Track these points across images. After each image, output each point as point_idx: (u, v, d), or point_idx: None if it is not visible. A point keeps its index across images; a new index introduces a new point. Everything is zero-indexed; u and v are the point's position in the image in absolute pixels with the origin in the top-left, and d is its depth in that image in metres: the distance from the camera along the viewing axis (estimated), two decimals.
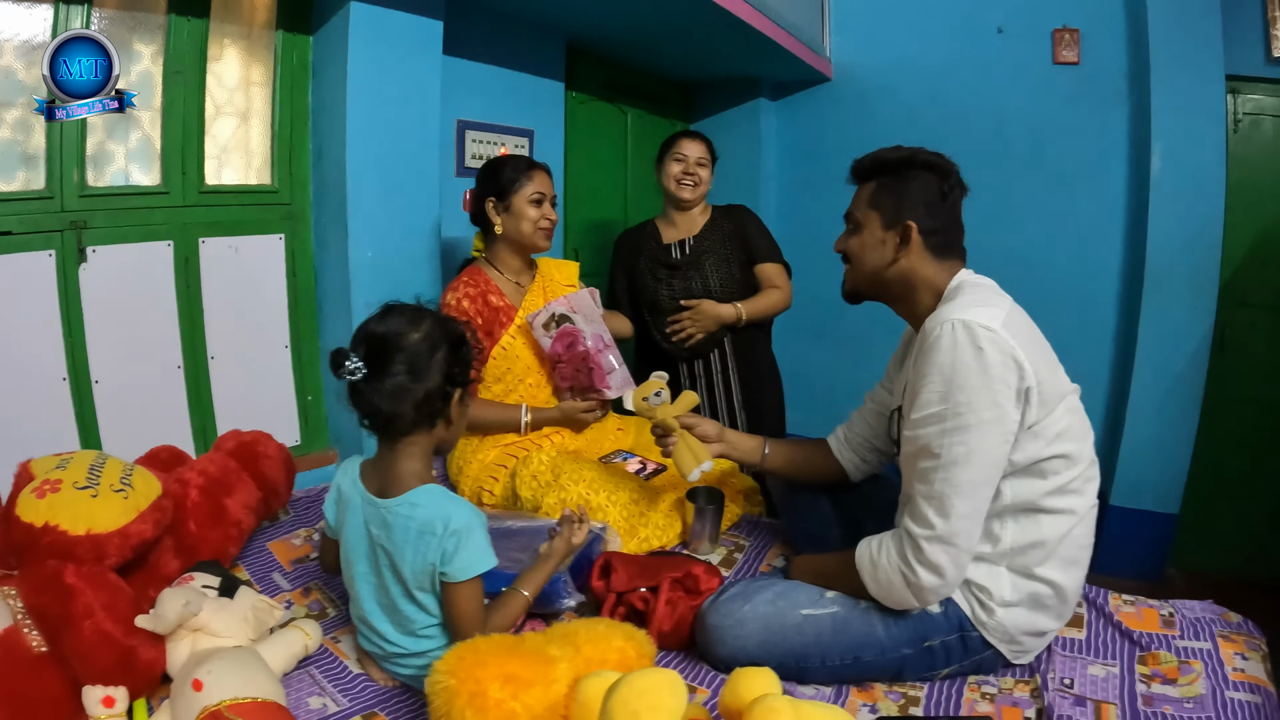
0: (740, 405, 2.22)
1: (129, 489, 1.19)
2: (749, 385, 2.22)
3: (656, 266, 2.20)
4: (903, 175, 1.26)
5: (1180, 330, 2.73)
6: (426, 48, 1.99)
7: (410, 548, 1.05)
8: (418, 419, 1.07)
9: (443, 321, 1.10)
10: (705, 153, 2.18)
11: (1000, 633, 1.16)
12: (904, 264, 1.25)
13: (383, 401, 1.05)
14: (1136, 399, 2.81)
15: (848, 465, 1.53)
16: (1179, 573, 2.89)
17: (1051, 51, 2.97)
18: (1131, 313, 2.87)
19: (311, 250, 2.01)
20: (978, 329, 1.08)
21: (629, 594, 1.24)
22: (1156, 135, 2.71)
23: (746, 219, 2.24)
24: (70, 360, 1.63)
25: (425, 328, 1.07)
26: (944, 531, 1.10)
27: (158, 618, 1.06)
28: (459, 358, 1.09)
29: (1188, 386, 2.74)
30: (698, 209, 2.23)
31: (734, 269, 2.16)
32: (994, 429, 1.08)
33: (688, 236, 2.20)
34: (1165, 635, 1.31)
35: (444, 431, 1.12)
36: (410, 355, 1.05)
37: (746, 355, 2.21)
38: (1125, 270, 2.93)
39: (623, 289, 2.30)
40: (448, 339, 1.08)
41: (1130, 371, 2.83)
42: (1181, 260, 2.71)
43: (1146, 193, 2.76)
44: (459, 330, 1.10)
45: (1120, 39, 2.86)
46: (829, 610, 1.20)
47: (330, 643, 1.28)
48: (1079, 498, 1.17)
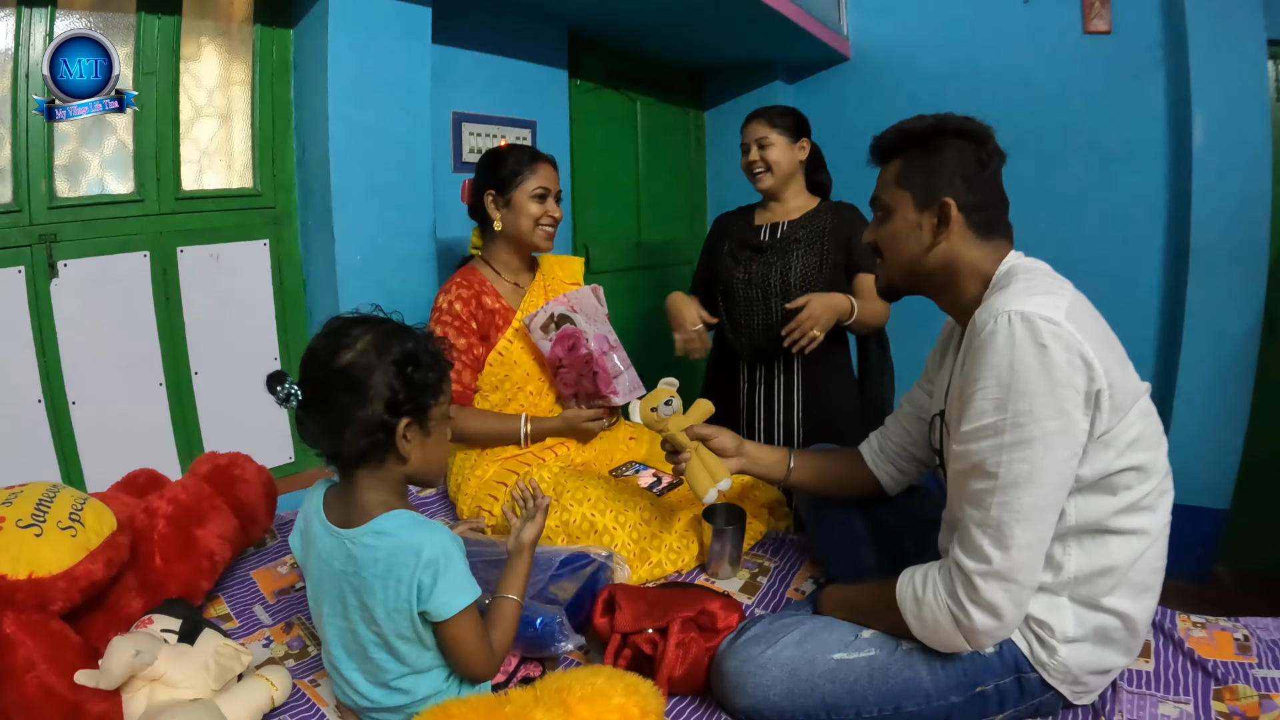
0: (800, 418, 1.99)
1: (78, 525, 1.09)
2: (817, 392, 1.97)
3: (740, 248, 2.01)
4: (932, 146, 1.09)
5: (1228, 312, 2.57)
6: (414, 36, 1.87)
7: (380, 584, 0.93)
8: (366, 450, 0.95)
9: (388, 338, 0.95)
10: (766, 129, 1.92)
11: (1062, 673, 1.01)
12: (944, 248, 1.09)
13: (319, 433, 0.95)
14: (1183, 388, 2.65)
15: (883, 477, 1.37)
16: (1228, 570, 2.74)
17: (1082, 20, 2.80)
18: (1176, 295, 2.70)
19: (299, 256, 1.91)
20: (1039, 322, 0.92)
21: (635, 635, 1.11)
22: (1196, 106, 2.56)
23: (855, 219, 1.98)
24: (45, 381, 1.55)
25: (362, 347, 0.93)
26: (1003, 566, 0.95)
27: (103, 672, 0.96)
28: (407, 381, 0.94)
29: (1237, 373, 2.58)
30: (794, 192, 2.00)
31: (822, 267, 1.93)
32: (1061, 441, 0.93)
33: (782, 221, 2.00)
34: (1242, 664, 1.16)
35: (403, 466, 0.98)
36: (344, 380, 0.92)
37: (817, 365, 1.96)
38: (1167, 250, 2.76)
39: (703, 273, 2.13)
40: (393, 360, 0.94)
41: (1176, 358, 2.67)
42: (1227, 238, 2.55)
43: (1188, 167, 2.60)
44: (407, 349, 0.95)
45: (1154, 5, 2.69)
46: (865, 654, 1.06)
47: (309, 687, 1.16)
48: (1152, 515, 1.00)
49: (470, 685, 1.02)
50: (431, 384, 0.97)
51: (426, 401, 0.96)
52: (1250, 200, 2.51)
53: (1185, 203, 2.63)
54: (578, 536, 1.44)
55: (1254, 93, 2.49)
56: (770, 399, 2.01)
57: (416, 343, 0.97)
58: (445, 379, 1.00)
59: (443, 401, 0.99)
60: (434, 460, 1.02)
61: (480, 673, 0.98)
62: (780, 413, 2.01)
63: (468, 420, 1.62)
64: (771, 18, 2.57)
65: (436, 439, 1.01)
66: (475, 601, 0.96)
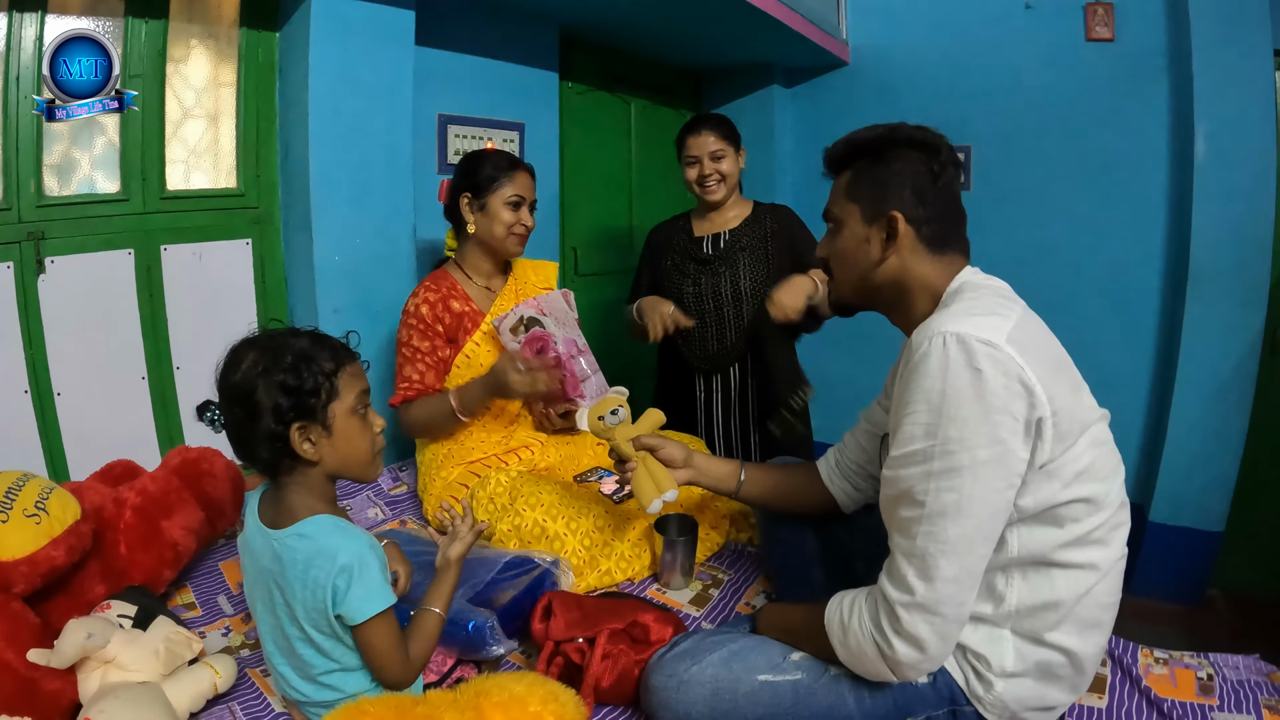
0: (755, 425, 2.04)
1: (42, 514, 1.13)
2: (769, 401, 2.02)
3: (686, 261, 2.03)
4: (882, 157, 1.05)
5: (1227, 330, 2.52)
6: (396, 39, 1.90)
7: (299, 584, 0.96)
8: (271, 459, 0.98)
9: (271, 351, 0.98)
10: (719, 142, 1.93)
11: (999, 708, 0.98)
12: (894, 263, 1.05)
13: (235, 448, 1.00)
14: (1179, 406, 2.61)
15: (838, 494, 1.34)
16: (1221, 594, 2.69)
17: (1084, 28, 2.76)
18: (1174, 312, 2.66)
19: (281, 255, 1.95)
20: (975, 344, 0.88)
21: (566, 644, 1.12)
22: (1200, 117, 2.51)
23: (794, 222, 2.03)
24: (31, 373, 1.59)
25: (246, 366, 0.97)
26: (926, 599, 0.91)
27: (56, 652, 1.01)
28: (286, 388, 0.96)
29: (1235, 392, 2.53)
30: (732, 201, 2.02)
31: (770, 270, 1.97)
32: (993, 471, 0.89)
33: (723, 230, 2.02)
34: (1202, 705, 1.12)
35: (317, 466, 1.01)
36: (234, 397, 0.97)
37: (770, 369, 2.02)
38: (1167, 265, 2.72)
39: (648, 288, 2.12)
40: (272, 371, 0.96)
41: (1173, 376, 2.63)
42: (1228, 254, 2.50)
43: (1190, 180, 2.56)
44: (285, 361, 0.97)
45: (1158, 13, 2.65)
46: (791, 677, 1.03)
47: (259, 677, 1.20)
48: (1103, 549, 0.96)
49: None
50: (320, 385, 0.98)
51: (315, 402, 0.98)
52: (1253, 213, 2.46)
53: (1186, 217, 2.58)
54: (529, 541, 1.45)
55: (1259, 103, 2.44)
56: (727, 406, 2.04)
57: (294, 350, 0.98)
58: (340, 375, 1.00)
59: (347, 397, 1.00)
60: (352, 455, 1.03)
61: (395, 679, 1.00)
62: (736, 419, 2.04)
63: (412, 412, 1.65)
64: (769, 22, 2.56)
65: (348, 435, 1.01)
66: (390, 609, 0.98)
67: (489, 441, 1.71)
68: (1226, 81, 2.46)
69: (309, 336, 1.02)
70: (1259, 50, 2.41)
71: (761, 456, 2.03)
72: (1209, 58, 2.48)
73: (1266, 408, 2.55)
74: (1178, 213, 2.65)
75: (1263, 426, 2.54)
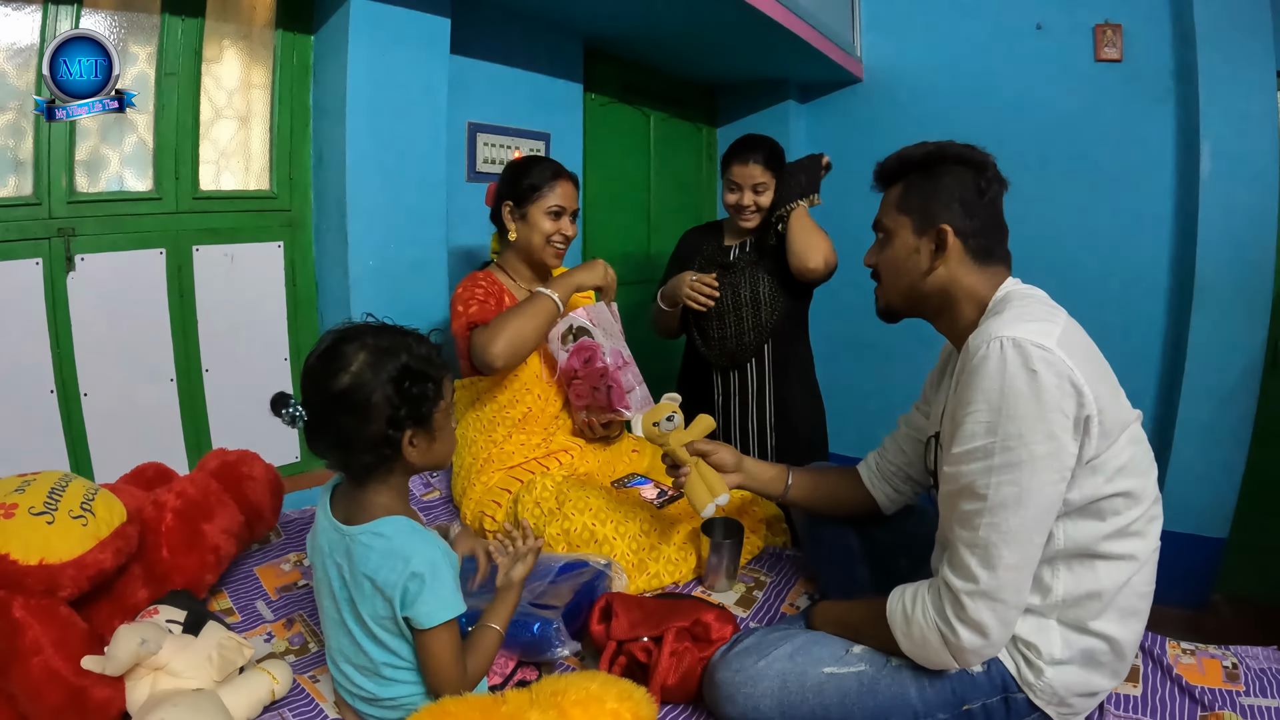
0: (773, 425, 2.08)
1: (89, 515, 1.11)
2: (784, 401, 2.08)
3: (710, 266, 2.08)
4: (932, 173, 1.12)
5: (1231, 342, 2.58)
6: (432, 46, 1.90)
7: (368, 583, 0.95)
8: (373, 464, 0.97)
9: (382, 355, 0.95)
10: (764, 175, 1.95)
11: (1049, 694, 1.03)
12: (942, 273, 1.12)
13: (328, 450, 0.97)
14: (1185, 417, 2.66)
15: (880, 497, 1.39)
16: (1225, 599, 2.74)
17: (1093, 48, 2.82)
18: (1179, 325, 2.71)
19: (312, 259, 1.93)
20: (1030, 348, 0.94)
21: (630, 643, 1.12)
22: (1205, 135, 2.57)
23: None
24: (58, 372, 1.57)
25: (357, 368, 0.94)
26: (989, 586, 0.97)
27: (109, 658, 0.98)
28: (406, 396, 0.95)
29: (1239, 404, 2.59)
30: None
31: (783, 275, 2.01)
32: (1049, 465, 0.95)
33: (747, 239, 2.08)
34: (1229, 691, 1.17)
35: (410, 468, 1.01)
36: (344, 403, 0.93)
37: (785, 369, 2.07)
38: (1172, 279, 2.78)
39: None
40: (390, 377, 0.94)
41: (1178, 387, 2.68)
42: (1232, 269, 2.56)
43: (1195, 197, 2.61)
44: (404, 364, 0.95)
45: (1165, 34, 2.72)
46: (855, 669, 1.07)
47: (308, 683, 1.18)
48: (1141, 541, 1.02)
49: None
50: (430, 392, 0.98)
51: (428, 409, 0.98)
52: (1256, 230, 2.51)
53: (1191, 232, 2.63)
54: (578, 545, 1.46)
55: (1263, 123, 2.50)
56: (745, 404, 2.09)
57: (410, 352, 0.97)
58: (443, 379, 1.01)
59: (444, 401, 1.01)
60: (441, 453, 1.04)
61: (449, 689, 0.98)
62: (755, 416, 2.09)
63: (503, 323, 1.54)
64: (785, 37, 2.60)
65: (442, 435, 1.02)
66: (455, 618, 0.97)
67: (529, 445, 1.70)
68: (1231, 101, 2.53)
69: (413, 336, 1.00)
70: (1263, 71, 2.48)
71: (777, 451, 2.09)
72: (1214, 78, 2.54)
73: (1268, 417, 2.60)
74: (1183, 228, 2.71)
75: (1265, 435, 2.60)
